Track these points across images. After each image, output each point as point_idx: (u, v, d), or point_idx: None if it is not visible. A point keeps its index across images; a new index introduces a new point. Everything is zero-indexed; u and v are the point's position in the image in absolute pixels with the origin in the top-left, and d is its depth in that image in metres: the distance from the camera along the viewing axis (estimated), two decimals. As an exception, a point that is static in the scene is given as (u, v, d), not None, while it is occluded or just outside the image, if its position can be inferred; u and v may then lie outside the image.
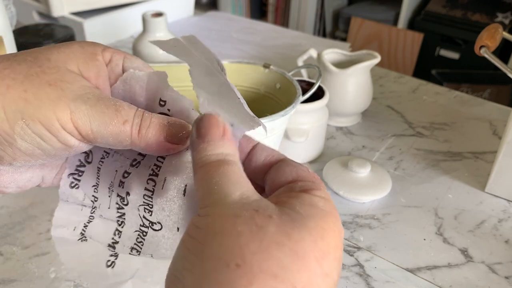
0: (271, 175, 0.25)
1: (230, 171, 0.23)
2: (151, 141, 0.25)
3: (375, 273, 0.49)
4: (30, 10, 1.03)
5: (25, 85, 0.24)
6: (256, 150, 0.26)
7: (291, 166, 0.25)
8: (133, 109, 0.25)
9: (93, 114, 0.24)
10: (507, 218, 0.57)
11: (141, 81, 0.27)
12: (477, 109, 0.80)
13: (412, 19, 1.96)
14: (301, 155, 0.65)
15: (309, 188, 0.23)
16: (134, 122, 0.25)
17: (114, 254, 0.29)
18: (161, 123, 0.25)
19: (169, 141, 0.26)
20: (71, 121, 0.24)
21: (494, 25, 0.58)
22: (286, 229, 0.20)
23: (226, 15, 1.22)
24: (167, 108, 0.27)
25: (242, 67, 0.60)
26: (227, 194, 0.22)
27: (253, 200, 0.22)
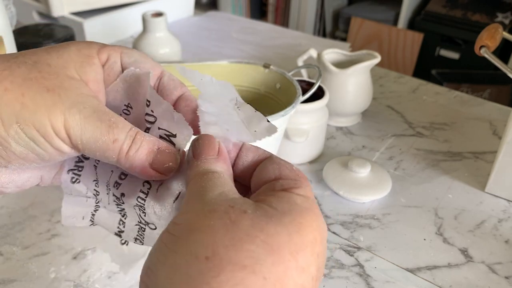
0: (255, 173, 0.26)
1: (215, 177, 0.24)
2: (136, 164, 0.25)
3: (375, 273, 0.49)
4: (30, 10, 1.03)
5: (23, 89, 0.24)
6: (242, 151, 0.27)
7: (274, 164, 0.25)
8: (126, 128, 0.25)
9: (86, 126, 0.24)
10: (507, 218, 0.57)
11: (138, 80, 0.27)
12: (477, 109, 0.80)
13: (412, 19, 1.96)
14: (301, 155, 0.65)
15: (290, 186, 0.23)
16: (125, 142, 0.25)
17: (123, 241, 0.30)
18: (150, 148, 0.25)
19: (153, 169, 0.25)
20: (64, 128, 0.24)
21: (494, 25, 0.58)
22: (261, 224, 0.21)
23: (226, 15, 1.22)
24: (151, 109, 0.27)
25: (242, 67, 0.60)
26: (206, 192, 0.22)
27: (231, 198, 0.22)
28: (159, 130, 0.27)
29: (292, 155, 0.65)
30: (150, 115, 0.27)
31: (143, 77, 0.27)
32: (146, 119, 0.27)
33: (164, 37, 0.78)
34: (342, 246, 0.53)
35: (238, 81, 0.60)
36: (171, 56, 0.79)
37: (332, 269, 0.50)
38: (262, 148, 0.27)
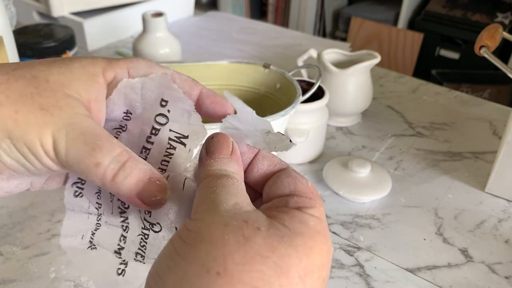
0: (269, 184, 0.25)
1: (229, 183, 0.23)
2: (123, 192, 0.24)
3: (375, 273, 0.49)
4: (30, 10, 1.03)
5: (17, 106, 0.24)
6: (257, 159, 0.27)
7: (290, 177, 0.25)
8: (114, 151, 0.24)
9: (70, 148, 0.24)
10: (507, 218, 0.57)
11: (136, 87, 0.27)
12: (477, 109, 0.80)
13: (412, 19, 1.96)
14: (301, 155, 0.65)
15: (303, 205, 0.23)
16: (109, 167, 0.24)
17: (123, 262, 0.29)
18: (140, 178, 0.24)
19: (140, 199, 0.25)
20: (52, 149, 0.24)
21: (494, 25, 0.58)
22: (273, 243, 0.21)
23: (226, 15, 1.22)
24: (168, 109, 0.27)
25: (242, 67, 0.60)
26: (221, 202, 0.22)
27: (245, 211, 0.22)
28: (169, 132, 0.27)
29: (292, 155, 0.65)
30: (163, 116, 0.27)
31: (161, 79, 0.27)
32: (156, 120, 0.27)
33: (164, 37, 0.78)
34: (342, 246, 0.53)
35: (238, 81, 0.60)
36: (171, 56, 0.79)
37: (332, 269, 0.50)
38: (278, 158, 0.27)
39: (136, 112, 0.28)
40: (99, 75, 0.27)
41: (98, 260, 0.29)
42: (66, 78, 0.25)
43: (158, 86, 0.27)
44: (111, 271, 0.28)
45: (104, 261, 0.29)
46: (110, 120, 0.28)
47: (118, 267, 0.28)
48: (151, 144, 0.28)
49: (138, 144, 0.28)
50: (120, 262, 0.29)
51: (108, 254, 0.29)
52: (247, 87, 0.61)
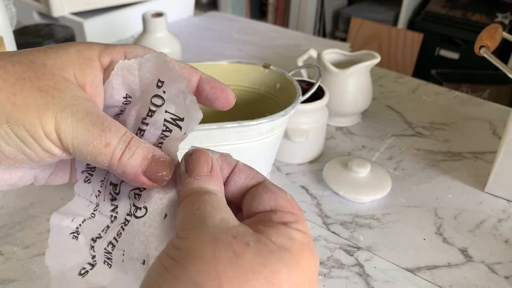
0: (248, 199, 0.25)
1: (212, 199, 0.23)
2: (129, 171, 0.24)
3: (375, 273, 0.50)
4: (30, 10, 1.03)
5: (15, 88, 0.23)
6: (234, 172, 0.26)
7: (269, 193, 0.25)
8: (120, 132, 0.24)
9: (78, 129, 0.24)
10: (507, 218, 0.57)
11: (133, 68, 0.27)
12: (477, 109, 0.80)
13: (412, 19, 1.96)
14: (301, 155, 0.65)
15: (287, 220, 0.23)
16: (117, 147, 0.24)
17: (91, 262, 0.28)
18: (145, 155, 0.25)
19: (146, 177, 0.25)
20: (55, 131, 0.23)
21: (494, 25, 0.58)
22: (263, 259, 0.21)
23: (226, 15, 1.22)
24: (163, 90, 0.26)
25: (242, 67, 0.60)
26: (207, 218, 0.22)
27: (232, 226, 0.22)
28: (165, 113, 0.26)
29: (292, 155, 0.65)
30: (158, 97, 0.26)
31: (157, 59, 0.27)
32: (152, 102, 0.27)
33: (164, 37, 0.78)
34: (342, 246, 0.53)
35: (238, 81, 0.60)
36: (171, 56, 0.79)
37: (332, 269, 0.50)
38: (255, 170, 0.27)
39: (136, 95, 0.28)
40: (95, 59, 0.26)
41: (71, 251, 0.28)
42: (63, 61, 0.25)
43: (155, 66, 0.27)
44: (74, 269, 0.28)
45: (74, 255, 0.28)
46: (110, 106, 0.28)
47: (83, 267, 0.28)
48: (146, 125, 0.27)
49: (134, 126, 0.28)
50: (88, 261, 0.28)
51: (85, 249, 0.28)
52: (247, 87, 0.61)
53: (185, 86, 0.26)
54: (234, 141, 0.51)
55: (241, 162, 0.27)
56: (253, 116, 0.52)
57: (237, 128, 0.49)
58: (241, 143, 0.51)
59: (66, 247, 0.28)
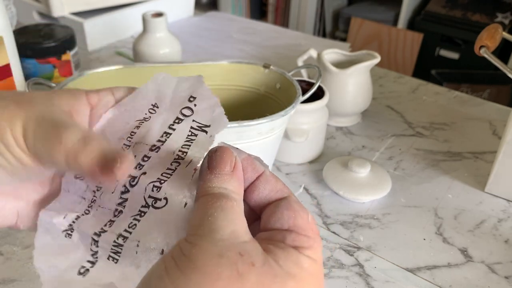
0: (268, 213, 0.25)
1: (228, 207, 0.23)
2: (84, 165, 0.24)
3: (375, 273, 0.50)
4: (30, 10, 1.03)
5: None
6: (260, 181, 0.26)
7: (290, 210, 0.24)
8: (77, 130, 0.24)
9: (38, 132, 0.24)
10: (507, 218, 0.57)
11: (171, 84, 0.29)
12: (476, 109, 0.80)
13: (412, 19, 1.96)
14: (301, 155, 0.65)
15: (301, 245, 0.23)
16: (72, 144, 0.24)
17: (92, 260, 0.27)
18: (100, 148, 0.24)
19: (100, 169, 0.24)
20: (22, 136, 0.24)
21: (494, 25, 0.58)
22: (265, 281, 0.20)
23: (226, 15, 1.22)
24: (194, 104, 0.29)
25: (242, 67, 0.60)
26: (218, 229, 0.22)
27: (241, 242, 0.22)
28: (192, 122, 0.28)
29: (292, 155, 0.65)
30: (188, 109, 0.29)
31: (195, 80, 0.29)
32: (181, 112, 0.29)
33: (164, 37, 0.78)
34: (342, 246, 0.53)
35: (238, 81, 0.60)
36: (171, 56, 0.79)
37: (332, 269, 0.50)
38: (281, 183, 0.26)
39: (163, 107, 0.29)
40: (83, 96, 0.27)
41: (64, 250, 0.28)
42: (50, 96, 0.26)
43: (191, 86, 0.29)
44: (70, 269, 0.27)
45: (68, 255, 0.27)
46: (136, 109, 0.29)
47: (82, 265, 0.27)
48: (173, 130, 0.29)
49: (159, 130, 0.29)
50: (87, 259, 0.27)
51: (80, 247, 0.28)
52: (247, 87, 0.61)
53: (215, 102, 0.28)
54: (234, 141, 0.51)
55: (268, 170, 0.26)
56: (253, 116, 0.52)
57: (237, 128, 0.49)
58: (241, 143, 0.51)
59: (57, 247, 0.28)
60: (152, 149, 0.28)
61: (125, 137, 0.29)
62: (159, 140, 0.29)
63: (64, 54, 0.78)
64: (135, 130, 0.29)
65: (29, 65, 0.76)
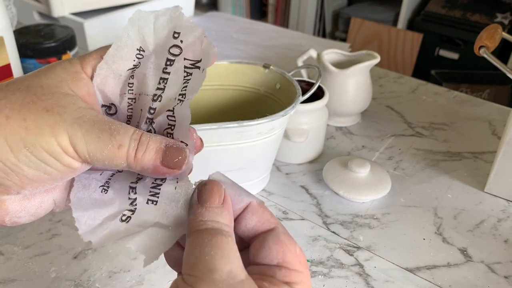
0: (256, 247, 0.25)
1: (224, 244, 0.23)
2: (147, 165, 0.25)
3: (375, 272, 0.50)
4: (31, 10, 1.03)
5: (23, 114, 0.24)
6: (247, 212, 0.26)
7: (279, 244, 0.25)
8: (129, 132, 0.25)
9: (89, 139, 0.24)
10: (507, 218, 0.57)
11: (149, 20, 0.28)
12: (476, 109, 0.80)
13: (411, 20, 1.96)
14: (301, 155, 0.65)
15: (292, 281, 0.23)
16: (130, 146, 0.25)
17: (131, 209, 0.27)
18: (158, 147, 0.26)
19: (165, 166, 0.26)
20: (70, 145, 0.24)
21: (493, 26, 0.58)
22: None
23: (226, 15, 1.23)
24: (180, 40, 0.28)
25: (242, 67, 0.60)
26: (216, 269, 0.22)
27: (239, 281, 0.22)
28: (184, 60, 0.28)
29: (292, 155, 0.65)
30: (176, 47, 0.28)
31: (172, 12, 0.28)
32: (170, 52, 0.28)
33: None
34: (341, 246, 0.53)
35: (238, 81, 0.61)
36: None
37: (332, 269, 0.50)
38: (268, 213, 0.27)
39: (149, 48, 0.29)
40: (81, 71, 0.28)
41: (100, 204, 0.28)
42: (55, 81, 0.26)
43: (170, 20, 0.28)
44: (110, 219, 0.27)
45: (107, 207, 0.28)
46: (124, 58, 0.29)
47: (123, 213, 0.27)
48: (168, 74, 0.29)
49: (155, 76, 0.29)
50: (126, 208, 0.28)
51: (115, 201, 0.28)
52: (247, 87, 0.61)
53: (200, 33, 0.28)
54: (234, 141, 0.51)
55: (255, 201, 0.27)
56: (253, 116, 0.52)
57: (237, 128, 0.49)
58: (241, 143, 0.51)
59: (93, 201, 0.28)
60: (155, 99, 0.29)
61: (126, 90, 0.29)
62: (158, 88, 0.29)
63: (64, 54, 0.78)
64: (131, 80, 0.29)
65: (29, 65, 0.76)
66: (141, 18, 0.28)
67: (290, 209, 0.58)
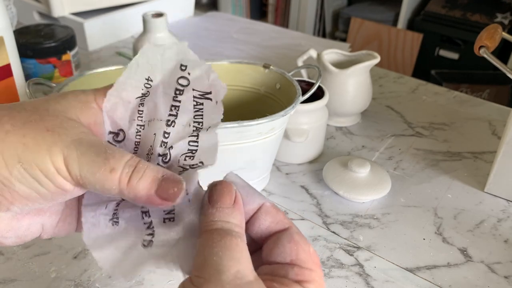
0: (269, 246, 0.25)
1: (233, 245, 0.23)
2: (141, 193, 0.25)
3: (375, 272, 0.50)
4: (31, 10, 1.03)
5: (24, 131, 0.24)
6: (260, 213, 0.26)
7: (292, 242, 0.25)
8: (124, 157, 0.25)
9: (83, 161, 0.24)
10: (506, 218, 0.57)
11: (157, 53, 0.29)
12: (476, 109, 0.80)
13: (411, 20, 1.96)
14: (301, 155, 0.65)
15: (304, 279, 0.23)
16: (123, 171, 0.24)
17: (150, 233, 0.27)
18: (154, 176, 0.25)
19: (159, 196, 0.25)
20: (64, 165, 0.24)
21: (493, 26, 0.58)
22: None
23: (226, 15, 1.23)
24: (188, 72, 0.29)
25: (242, 67, 0.60)
26: (223, 270, 0.22)
27: (246, 282, 0.22)
28: (193, 91, 0.29)
29: (292, 155, 0.65)
30: (184, 78, 0.29)
31: (179, 47, 0.29)
32: (178, 82, 0.29)
33: (164, 37, 0.78)
34: (341, 246, 0.53)
35: (238, 81, 0.61)
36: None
37: (332, 269, 0.50)
38: (281, 213, 0.27)
39: (157, 78, 0.29)
40: (92, 101, 0.28)
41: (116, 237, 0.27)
42: (63, 106, 0.26)
43: (177, 53, 0.29)
44: (131, 248, 0.26)
45: (124, 239, 0.27)
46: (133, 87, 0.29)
47: (144, 239, 0.27)
48: (179, 102, 0.29)
49: (165, 104, 0.29)
50: (145, 233, 0.27)
51: (130, 231, 0.27)
52: (247, 87, 0.61)
53: (207, 68, 0.29)
54: (234, 141, 0.51)
55: (268, 202, 0.27)
56: (253, 116, 0.52)
57: (237, 128, 0.49)
58: (241, 143, 0.51)
59: (108, 238, 0.27)
60: (168, 124, 0.29)
61: (135, 117, 0.29)
62: (170, 114, 0.29)
63: (64, 54, 0.78)
64: (141, 108, 0.30)
65: (29, 65, 0.76)
66: (150, 50, 0.29)
67: (290, 209, 0.58)
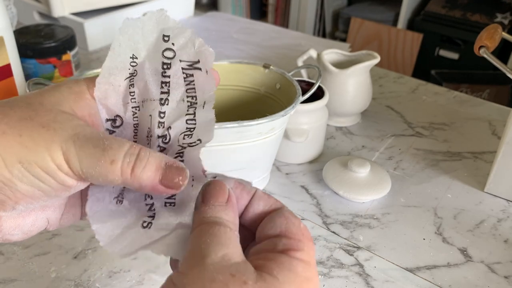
0: (262, 225, 0.26)
1: (221, 232, 0.23)
2: (146, 183, 0.24)
3: (375, 272, 0.50)
4: (31, 10, 1.03)
5: (19, 129, 0.24)
6: (253, 200, 0.27)
7: (282, 217, 0.25)
8: (123, 147, 0.24)
9: (82, 155, 0.24)
10: (506, 218, 0.57)
11: (137, 27, 0.28)
12: (476, 109, 0.80)
13: (411, 20, 1.96)
14: (301, 155, 0.65)
15: (292, 248, 0.23)
16: (124, 161, 0.24)
17: (151, 215, 0.27)
18: (158, 165, 0.25)
19: (163, 185, 0.25)
20: (64, 161, 0.24)
21: (493, 26, 0.58)
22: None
23: (226, 15, 1.23)
24: (172, 43, 0.28)
25: (242, 67, 0.60)
26: (209, 254, 0.22)
27: (233, 263, 0.22)
28: (180, 62, 0.28)
29: (292, 155, 0.65)
30: (169, 50, 0.28)
31: (157, 16, 0.28)
32: (164, 55, 0.28)
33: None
34: (341, 246, 0.53)
35: (238, 81, 0.61)
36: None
37: (332, 269, 0.50)
38: (273, 198, 0.27)
39: (141, 55, 0.29)
40: (86, 92, 0.28)
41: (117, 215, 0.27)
42: (57, 99, 0.26)
43: (157, 23, 0.28)
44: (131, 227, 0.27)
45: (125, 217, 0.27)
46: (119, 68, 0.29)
47: (144, 220, 0.27)
48: (168, 77, 0.28)
49: (155, 81, 0.29)
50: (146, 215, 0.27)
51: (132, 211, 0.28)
52: (247, 87, 0.61)
53: (191, 34, 0.28)
54: (234, 141, 0.51)
55: (260, 190, 0.27)
56: (253, 116, 0.52)
57: (237, 128, 0.49)
58: (241, 143, 0.51)
59: (110, 213, 0.28)
60: (162, 103, 0.29)
61: (129, 100, 0.29)
62: (162, 92, 0.29)
63: (64, 54, 0.78)
64: (132, 89, 0.29)
65: (29, 65, 0.76)
66: (129, 26, 0.28)
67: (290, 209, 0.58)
